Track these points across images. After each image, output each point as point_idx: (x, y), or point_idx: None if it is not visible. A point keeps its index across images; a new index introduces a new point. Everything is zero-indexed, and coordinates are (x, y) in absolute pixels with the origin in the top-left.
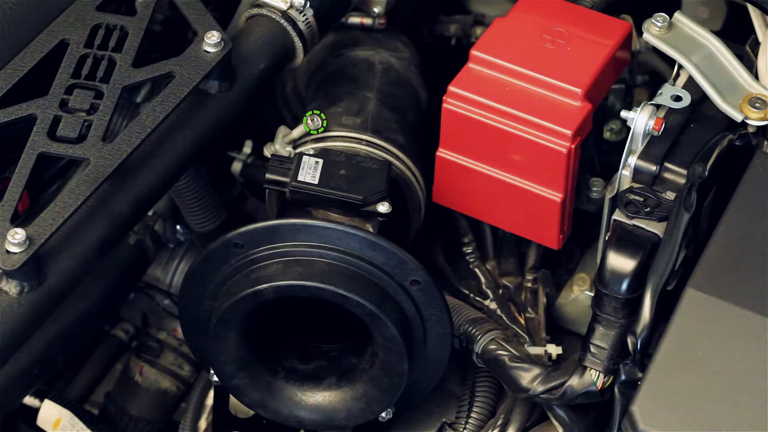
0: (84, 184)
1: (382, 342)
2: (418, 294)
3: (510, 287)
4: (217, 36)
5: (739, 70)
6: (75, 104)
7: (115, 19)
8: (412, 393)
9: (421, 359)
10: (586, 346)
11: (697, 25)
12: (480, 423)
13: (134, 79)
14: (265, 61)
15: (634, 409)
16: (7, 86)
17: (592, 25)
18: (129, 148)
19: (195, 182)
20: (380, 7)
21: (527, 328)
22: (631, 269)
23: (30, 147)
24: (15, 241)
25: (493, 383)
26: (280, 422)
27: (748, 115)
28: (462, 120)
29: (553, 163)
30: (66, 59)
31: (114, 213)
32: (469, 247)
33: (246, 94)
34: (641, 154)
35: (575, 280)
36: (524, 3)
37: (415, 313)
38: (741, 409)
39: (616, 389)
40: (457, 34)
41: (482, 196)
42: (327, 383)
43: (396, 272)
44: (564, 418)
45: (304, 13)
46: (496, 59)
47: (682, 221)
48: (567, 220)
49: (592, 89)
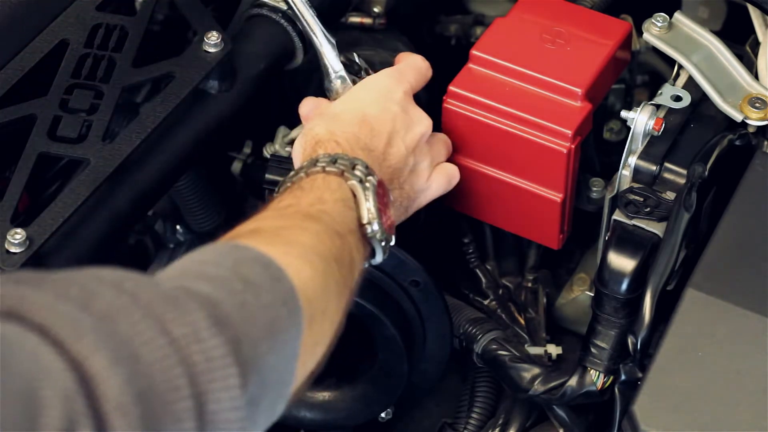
0: (84, 184)
1: (382, 342)
2: (417, 294)
3: (510, 287)
4: (217, 36)
5: (739, 70)
6: (75, 104)
7: (115, 19)
8: (411, 393)
9: (421, 359)
10: (586, 346)
11: (697, 25)
12: (480, 423)
13: (134, 79)
14: (266, 62)
15: (634, 409)
16: (7, 86)
17: (592, 25)
18: (129, 148)
19: (195, 182)
20: (380, 7)
21: (527, 328)
22: (631, 269)
23: (30, 147)
24: (15, 241)
25: (493, 383)
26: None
27: (748, 115)
28: (462, 120)
29: (553, 163)
30: (66, 59)
31: (114, 213)
32: (469, 247)
33: (246, 94)
34: (641, 154)
35: (575, 280)
36: (524, 3)
37: (415, 314)
38: (741, 409)
39: (616, 389)
40: (457, 34)
41: (482, 196)
42: (327, 383)
43: (395, 272)
44: (564, 418)
45: None
46: (496, 59)
47: (682, 221)
48: (567, 220)
49: (592, 89)
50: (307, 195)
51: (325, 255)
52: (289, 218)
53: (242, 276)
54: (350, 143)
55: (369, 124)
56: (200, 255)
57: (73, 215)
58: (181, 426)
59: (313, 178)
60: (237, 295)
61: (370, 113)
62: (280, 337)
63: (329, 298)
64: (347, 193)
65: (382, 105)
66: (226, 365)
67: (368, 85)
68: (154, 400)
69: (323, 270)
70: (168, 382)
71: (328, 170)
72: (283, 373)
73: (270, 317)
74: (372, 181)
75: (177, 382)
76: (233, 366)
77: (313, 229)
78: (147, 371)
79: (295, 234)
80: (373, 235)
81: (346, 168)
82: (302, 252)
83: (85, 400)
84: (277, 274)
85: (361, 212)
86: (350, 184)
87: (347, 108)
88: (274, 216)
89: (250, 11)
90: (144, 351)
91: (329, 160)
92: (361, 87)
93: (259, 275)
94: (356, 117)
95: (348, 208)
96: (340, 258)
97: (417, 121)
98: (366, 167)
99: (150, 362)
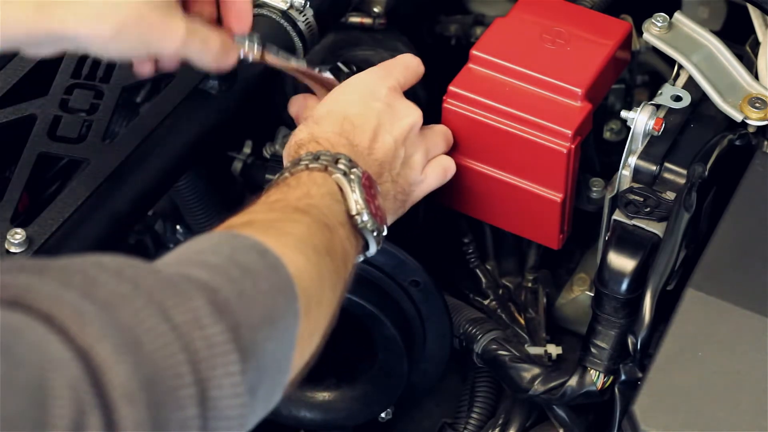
0: (84, 184)
1: (382, 342)
2: (417, 294)
3: (510, 287)
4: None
5: (739, 70)
6: (75, 104)
7: None
8: (411, 393)
9: (421, 359)
10: (586, 346)
11: (697, 25)
12: (480, 423)
13: (134, 79)
14: None
15: (635, 409)
16: (7, 86)
17: (592, 25)
18: (129, 148)
19: (195, 182)
20: (380, 7)
21: (527, 328)
22: (631, 269)
23: (30, 147)
24: (15, 241)
25: (493, 383)
26: (280, 422)
27: (748, 115)
28: (462, 120)
29: (553, 163)
30: (66, 59)
31: (114, 213)
32: (469, 247)
33: (246, 94)
34: (641, 154)
35: (575, 280)
36: (524, 3)
37: (415, 314)
38: (741, 409)
39: (616, 389)
40: (457, 34)
41: (482, 196)
42: (327, 383)
43: (395, 272)
44: (564, 418)
45: (304, 13)
46: (496, 59)
47: (682, 221)
48: (567, 220)
49: (592, 89)
50: (293, 191)
51: (317, 246)
52: (279, 211)
53: (240, 263)
54: (331, 142)
55: (351, 122)
56: (197, 244)
57: (73, 215)
58: (184, 413)
59: (298, 176)
60: (235, 282)
61: (351, 112)
62: (278, 324)
63: (324, 288)
64: (333, 186)
65: (364, 103)
66: (227, 352)
67: (350, 85)
68: (158, 388)
69: (316, 260)
70: (171, 369)
71: (312, 167)
72: (280, 361)
73: (268, 305)
74: (357, 173)
75: (180, 369)
76: (234, 353)
77: (304, 221)
78: (150, 358)
79: (286, 226)
80: (364, 225)
81: (329, 163)
82: (295, 242)
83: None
84: (274, 263)
85: (349, 204)
86: (335, 178)
87: (329, 110)
88: (265, 209)
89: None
90: (146, 338)
91: (312, 158)
92: (342, 88)
93: (256, 263)
94: (338, 118)
95: (335, 201)
96: (331, 249)
97: (404, 113)
98: (349, 160)
99: (153, 349)
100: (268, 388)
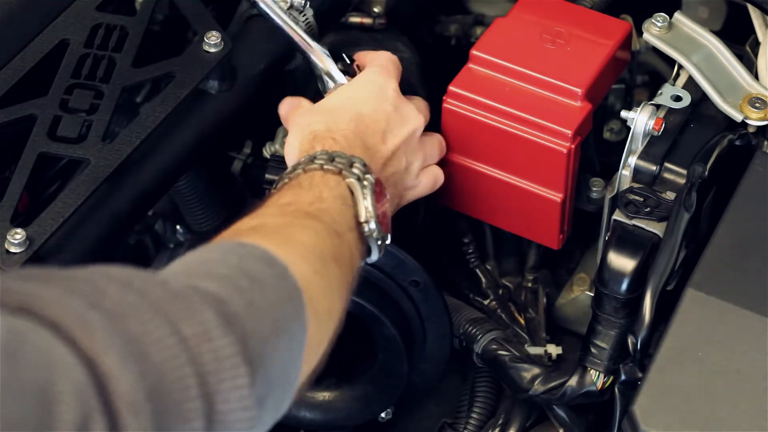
0: (84, 184)
1: (382, 342)
2: (417, 294)
3: (510, 287)
4: (217, 36)
5: (739, 70)
6: (75, 104)
7: (115, 19)
8: (411, 393)
9: (421, 359)
10: (586, 346)
11: (697, 25)
12: (480, 423)
13: (134, 79)
14: (265, 62)
15: (634, 409)
16: (7, 86)
17: (592, 25)
18: (129, 148)
19: (195, 182)
20: (380, 7)
21: (527, 328)
22: (631, 269)
23: (30, 147)
24: (15, 241)
25: (493, 383)
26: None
27: (748, 115)
28: (462, 120)
29: (553, 163)
30: (66, 59)
31: (114, 213)
32: (469, 247)
33: (246, 94)
34: (641, 154)
35: (575, 280)
36: (524, 3)
37: (415, 314)
38: (741, 409)
39: (616, 389)
40: (457, 34)
41: (482, 196)
42: (327, 383)
43: (395, 273)
44: (564, 418)
45: (304, 13)
46: (496, 59)
47: (682, 221)
48: (567, 220)
49: (592, 89)
50: (306, 193)
51: (325, 254)
52: (289, 216)
53: (248, 273)
54: (348, 140)
55: (365, 122)
56: (205, 253)
57: (73, 215)
58: (189, 426)
59: (311, 175)
60: (244, 293)
61: (364, 111)
62: (286, 335)
63: (331, 297)
64: (345, 190)
65: (375, 103)
66: (236, 365)
67: (361, 83)
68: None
69: (324, 269)
70: (177, 381)
71: (326, 168)
72: (288, 371)
73: (276, 315)
74: (370, 180)
75: (186, 382)
76: (242, 365)
77: (314, 228)
78: (157, 370)
79: (296, 233)
80: (370, 233)
81: (344, 166)
82: (303, 251)
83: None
84: (282, 272)
85: (359, 210)
86: (348, 182)
87: (343, 106)
88: (275, 213)
89: (250, 11)
90: (154, 350)
91: (327, 158)
92: (354, 85)
93: (264, 273)
94: (352, 115)
95: (346, 206)
96: (339, 257)
97: (409, 117)
98: (364, 165)
99: (159, 361)
100: (276, 398)
